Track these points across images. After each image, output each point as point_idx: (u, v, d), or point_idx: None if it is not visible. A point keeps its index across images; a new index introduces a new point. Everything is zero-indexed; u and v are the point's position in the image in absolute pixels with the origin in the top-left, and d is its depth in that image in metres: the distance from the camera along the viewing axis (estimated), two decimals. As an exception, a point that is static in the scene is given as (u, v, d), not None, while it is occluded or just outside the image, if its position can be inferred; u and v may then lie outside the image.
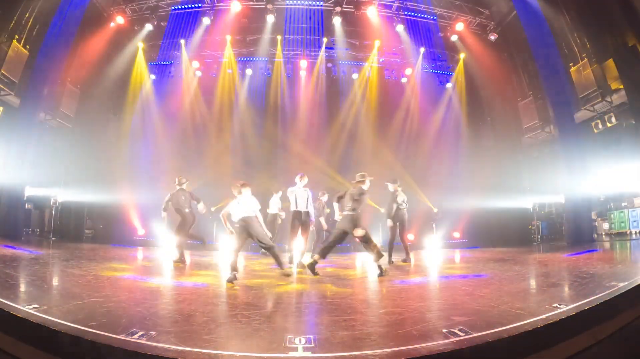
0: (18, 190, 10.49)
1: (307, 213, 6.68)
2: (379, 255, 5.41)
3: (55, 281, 4.64)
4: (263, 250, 6.10)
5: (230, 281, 4.60)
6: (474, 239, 12.76)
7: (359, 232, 5.38)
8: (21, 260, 6.45)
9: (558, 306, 2.96)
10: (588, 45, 10.53)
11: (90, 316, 2.81)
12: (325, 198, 8.51)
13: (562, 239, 11.80)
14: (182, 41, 12.64)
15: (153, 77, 13.47)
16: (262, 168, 12.85)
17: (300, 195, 6.62)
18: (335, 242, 5.71)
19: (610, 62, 9.99)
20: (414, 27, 12.71)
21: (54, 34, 10.62)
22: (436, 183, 12.65)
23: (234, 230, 5.14)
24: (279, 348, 2.28)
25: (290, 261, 6.51)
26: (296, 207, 6.61)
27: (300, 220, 6.62)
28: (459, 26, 12.51)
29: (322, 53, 13.24)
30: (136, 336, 2.39)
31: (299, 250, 6.74)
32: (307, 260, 5.89)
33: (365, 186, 5.76)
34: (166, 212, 6.89)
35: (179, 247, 6.76)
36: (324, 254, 5.67)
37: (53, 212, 12.03)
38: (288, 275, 5.32)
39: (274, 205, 9.06)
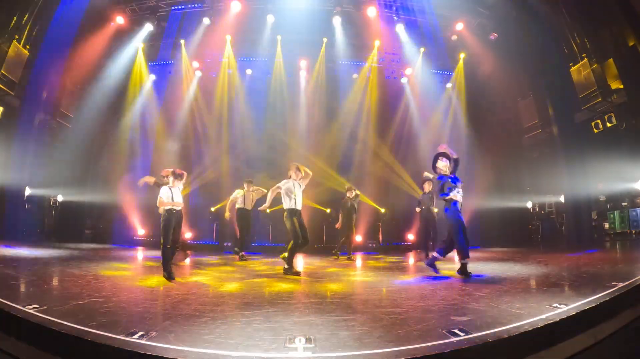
0: (18, 190, 10.49)
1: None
2: None
3: (55, 281, 4.64)
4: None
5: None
6: (474, 239, 12.72)
7: None
8: (21, 260, 6.46)
9: (558, 306, 2.96)
10: (588, 45, 10.51)
11: (90, 316, 2.81)
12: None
13: (562, 239, 11.79)
14: (182, 41, 12.64)
15: (153, 77, 13.46)
16: (262, 168, 12.84)
17: (298, 190, 5.94)
18: None
19: (610, 62, 9.98)
20: (414, 27, 12.70)
21: (54, 34, 10.63)
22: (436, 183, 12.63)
23: None
24: (279, 348, 2.28)
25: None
26: (295, 205, 5.88)
27: (298, 218, 5.95)
28: (459, 26, 12.50)
29: (322, 53, 13.23)
30: (136, 336, 2.39)
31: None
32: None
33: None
34: None
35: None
36: None
37: (53, 212, 12.03)
38: None
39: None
